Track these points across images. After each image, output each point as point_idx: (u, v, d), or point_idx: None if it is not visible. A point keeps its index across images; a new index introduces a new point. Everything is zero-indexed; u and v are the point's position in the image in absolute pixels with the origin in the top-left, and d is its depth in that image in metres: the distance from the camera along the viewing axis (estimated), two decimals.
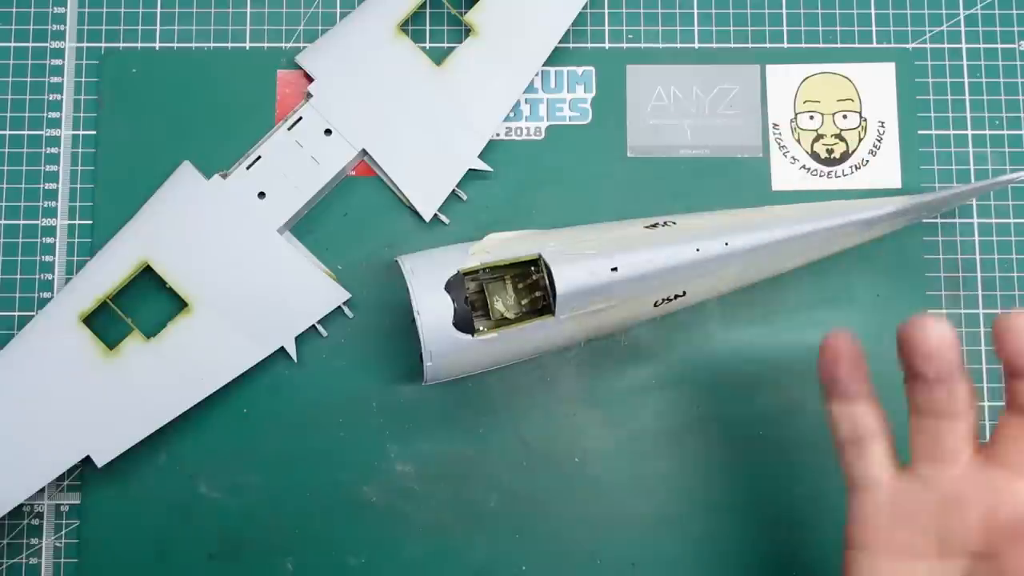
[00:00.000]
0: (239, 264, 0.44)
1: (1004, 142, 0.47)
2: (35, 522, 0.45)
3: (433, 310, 0.38)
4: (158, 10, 0.48)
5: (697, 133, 0.47)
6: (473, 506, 0.44)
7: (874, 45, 0.48)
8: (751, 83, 0.47)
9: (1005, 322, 0.33)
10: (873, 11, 0.48)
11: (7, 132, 0.47)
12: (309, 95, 0.45)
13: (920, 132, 0.47)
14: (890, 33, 0.48)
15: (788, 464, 0.40)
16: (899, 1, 0.48)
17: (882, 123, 0.47)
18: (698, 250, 0.40)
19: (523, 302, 0.41)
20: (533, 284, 0.40)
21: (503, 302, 0.41)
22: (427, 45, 0.47)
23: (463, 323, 0.39)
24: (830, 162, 0.47)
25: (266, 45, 0.47)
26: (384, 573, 0.38)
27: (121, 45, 0.47)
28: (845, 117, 0.47)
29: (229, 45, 0.48)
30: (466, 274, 0.40)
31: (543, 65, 0.46)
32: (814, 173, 0.47)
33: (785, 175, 0.47)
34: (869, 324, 0.45)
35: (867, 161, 0.47)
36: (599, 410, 0.45)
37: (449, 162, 0.45)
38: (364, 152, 0.45)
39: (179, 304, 0.44)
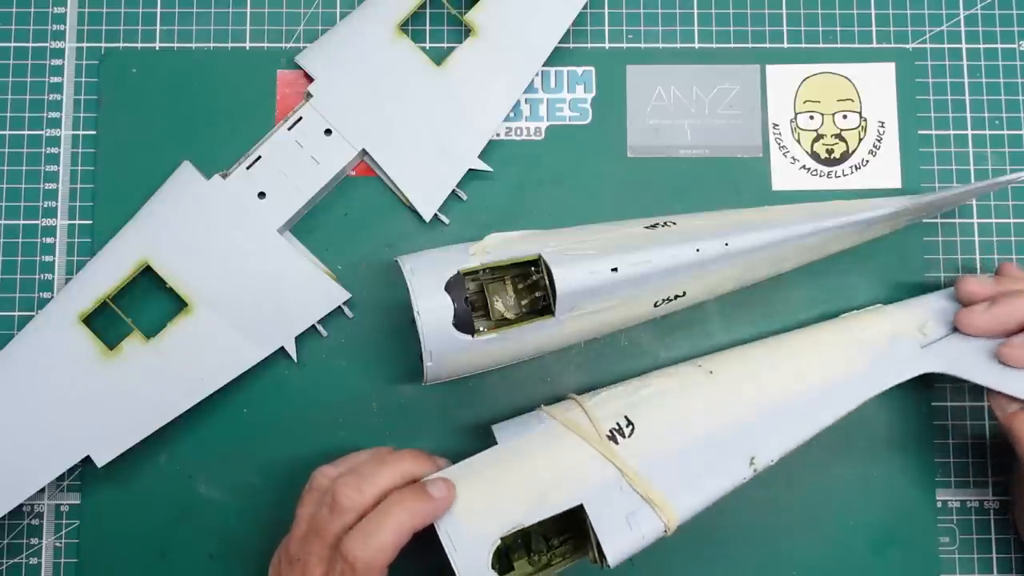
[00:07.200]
0: (239, 264, 0.44)
1: (1004, 142, 0.47)
2: (35, 522, 0.45)
3: (433, 310, 0.38)
4: (158, 10, 0.48)
5: (697, 133, 0.47)
6: None
7: (874, 45, 0.48)
8: (751, 83, 0.47)
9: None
10: (873, 11, 0.48)
11: (7, 132, 0.47)
12: (309, 95, 0.45)
13: (920, 132, 0.47)
14: (890, 33, 0.48)
15: (788, 463, 0.40)
16: (899, 1, 0.48)
17: (882, 123, 0.47)
18: (698, 250, 0.40)
19: (523, 302, 0.41)
20: (533, 284, 0.40)
21: (503, 302, 0.41)
22: (427, 45, 0.47)
23: (463, 323, 0.39)
24: (830, 162, 0.47)
25: (266, 45, 0.47)
26: None
27: (121, 45, 0.47)
28: (845, 117, 0.47)
29: (229, 45, 0.47)
30: (466, 274, 0.39)
31: (543, 65, 0.46)
32: (814, 173, 0.47)
33: (785, 175, 0.47)
34: None
35: (867, 161, 0.47)
36: None
37: (449, 162, 0.45)
38: (364, 152, 0.45)
39: (179, 304, 0.44)
